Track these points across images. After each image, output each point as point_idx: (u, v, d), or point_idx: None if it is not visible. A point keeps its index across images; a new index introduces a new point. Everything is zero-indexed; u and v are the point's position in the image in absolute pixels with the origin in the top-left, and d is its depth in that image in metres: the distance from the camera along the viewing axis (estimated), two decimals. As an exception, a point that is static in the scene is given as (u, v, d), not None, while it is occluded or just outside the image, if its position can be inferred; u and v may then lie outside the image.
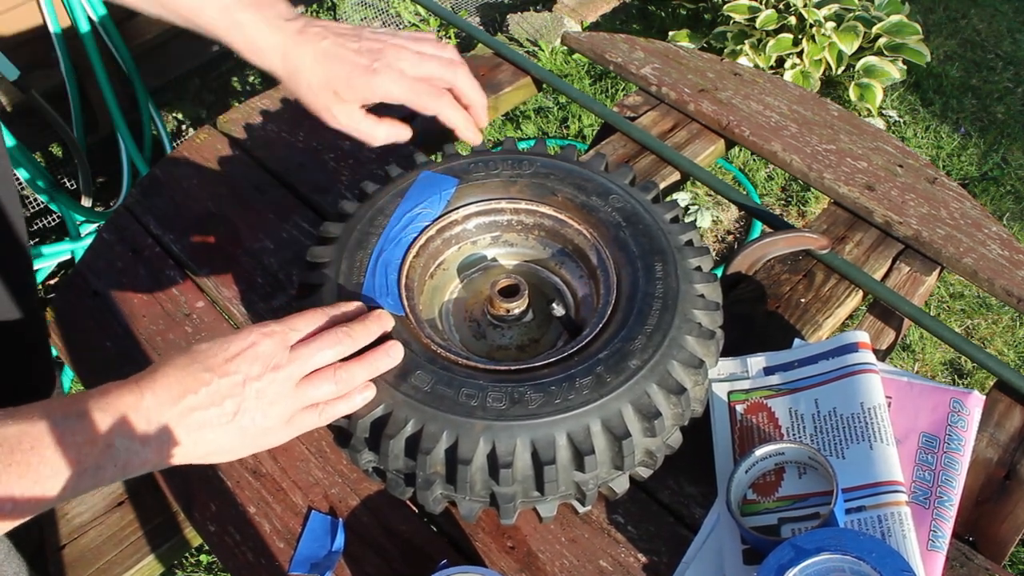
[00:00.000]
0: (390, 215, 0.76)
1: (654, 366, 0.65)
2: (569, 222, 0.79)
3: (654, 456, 0.68)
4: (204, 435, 0.59)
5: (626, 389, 0.64)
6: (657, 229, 0.74)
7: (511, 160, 0.81)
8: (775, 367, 0.78)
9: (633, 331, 0.67)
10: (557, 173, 0.80)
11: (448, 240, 0.80)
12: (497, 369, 0.67)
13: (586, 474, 0.64)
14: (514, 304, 0.75)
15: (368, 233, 0.74)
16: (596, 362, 0.65)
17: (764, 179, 2.31)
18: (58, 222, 2.05)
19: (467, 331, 0.79)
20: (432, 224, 0.77)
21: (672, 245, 0.73)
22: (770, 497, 0.69)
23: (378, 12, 2.82)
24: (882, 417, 0.70)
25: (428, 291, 0.79)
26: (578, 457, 0.62)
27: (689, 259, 0.73)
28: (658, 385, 0.65)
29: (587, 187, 0.79)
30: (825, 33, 2.25)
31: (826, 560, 0.58)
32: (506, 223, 0.81)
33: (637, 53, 1.25)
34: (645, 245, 0.73)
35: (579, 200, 0.78)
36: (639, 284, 0.71)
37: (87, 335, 0.91)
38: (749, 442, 0.73)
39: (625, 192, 0.78)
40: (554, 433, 0.62)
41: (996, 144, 2.46)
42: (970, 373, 1.91)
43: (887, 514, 0.64)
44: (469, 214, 0.80)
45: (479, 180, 0.79)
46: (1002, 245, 1.00)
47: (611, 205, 0.77)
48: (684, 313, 0.68)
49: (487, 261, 0.83)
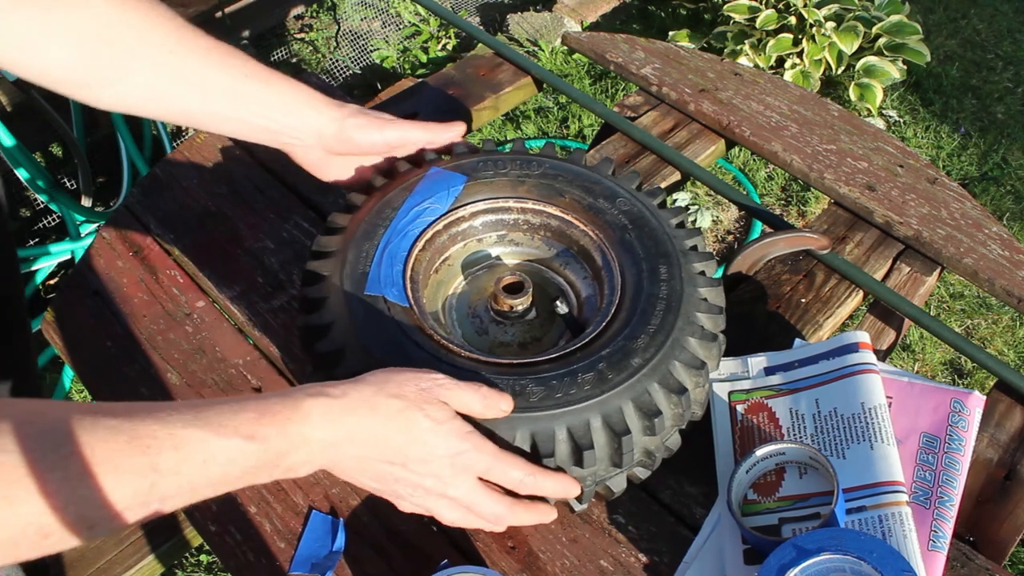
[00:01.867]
0: (398, 208, 0.76)
1: (656, 365, 0.65)
2: (576, 223, 0.79)
3: (652, 456, 0.68)
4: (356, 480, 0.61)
5: (627, 386, 0.64)
6: (663, 233, 0.75)
7: (520, 160, 0.81)
8: (776, 367, 0.78)
9: (636, 330, 0.67)
10: (565, 175, 0.80)
11: (454, 236, 0.80)
12: (499, 362, 0.67)
13: (584, 470, 0.64)
14: (518, 300, 0.75)
15: (376, 224, 0.74)
16: (598, 359, 0.65)
17: (764, 179, 2.31)
18: (58, 222, 2.05)
19: (470, 327, 0.79)
20: (439, 219, 0.77)
21: (677, 249, 0.74)
22: (771, 497, 0.69)
23: (378, 12, 2.82)
24: (883, 417, 0.70)
25: (432, 285, 0.79)
26: (577, 452, 0.63)
27: (693, 263, 0.73)
28: (659, 384, 0.65)
29: (595, 190, 0.79)
30: (825, 33, 2.25)
31: (827, 560, 0.58)
32: (513, 222, 0.82)
33: (637, 53, 1.25)
34: (651, 248, 0.74)
35: (586, 202, 0.78)
36: (643, 285, 0.71)
37: (87, 335, 0.91)
38: (750, 442, 0.73)
39: (632, 196, 0.78)
40: (554, 427, 0.62)
41: (996, 144, 2.47)
42: (970, 373, 1.91)
43: (888, 514, 0.64)
44: (476, 211, 0.80)
45: (487, 179, 0.80)
46: (1002, 245, 1.00)
47: (618, 208, 0.77)
48: (687, 315, 0.69)
49: (492, 259, 0.83)
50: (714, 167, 2.22)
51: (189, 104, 0.74)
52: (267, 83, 0.76)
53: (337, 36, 2.69)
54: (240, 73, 0.74)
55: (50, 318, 0.93)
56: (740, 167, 2.33)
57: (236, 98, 0.75)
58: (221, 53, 0.74)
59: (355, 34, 2.74)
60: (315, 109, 0.77)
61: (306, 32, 2.73)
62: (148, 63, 0.71)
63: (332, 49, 2.68)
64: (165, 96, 0.73)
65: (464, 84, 1.22)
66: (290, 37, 2.70)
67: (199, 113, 0.75)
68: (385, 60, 2.66)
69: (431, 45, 2.69)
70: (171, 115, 0.75)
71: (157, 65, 0.71)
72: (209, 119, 0.76)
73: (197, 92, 0.73)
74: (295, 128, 0.77)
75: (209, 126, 0.77)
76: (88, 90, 0.71)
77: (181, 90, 0.73)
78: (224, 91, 0.74)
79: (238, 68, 0.74)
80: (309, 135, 0.78)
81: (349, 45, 2.71)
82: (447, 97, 1.21)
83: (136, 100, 0.73)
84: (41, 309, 1.77)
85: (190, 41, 0.72)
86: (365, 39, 2.72)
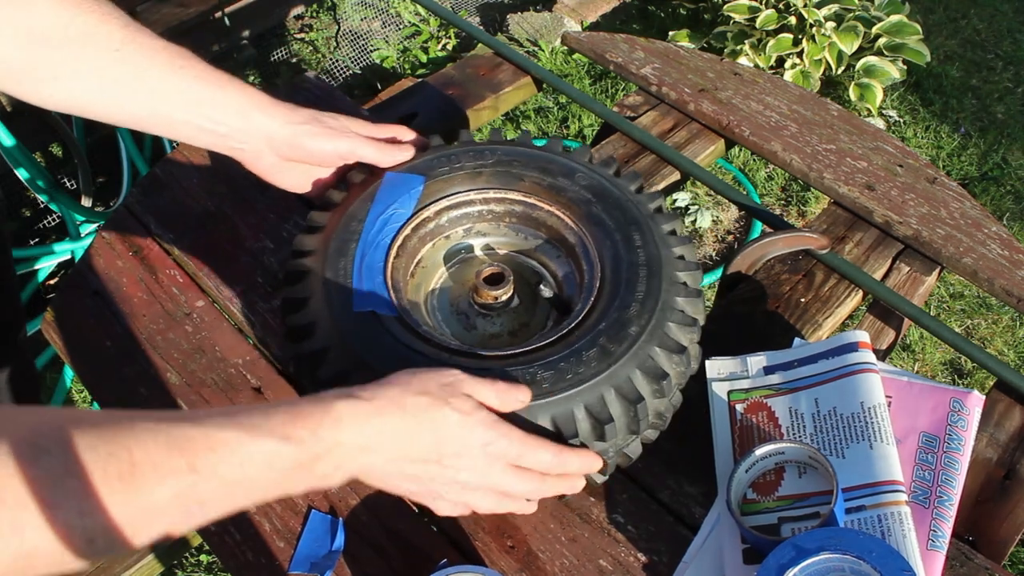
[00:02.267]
0: (364, 219, 0.75)
1: (653, 330, 0.67)
2: (540, 205, 0.80)
3: (663, 417, 0.71)
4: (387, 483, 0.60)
5: (631, 355, 0.65)
6: (627, 201, 0.77)
7: (472, 152, 0.81)
8: (775, 366, 0.78)
9: (626, 300, 0.69)
10: (520, 159, 0.81)
11: (423, 237, 0.80)
12: (503, 355, 0.67)
13: (607, 442, 0.65)
14: (500, 291, 0.76)
15: (347, 240, 0.74)
16: (597, 334, 0.67)
17: (764, 179, 2.32)
18: (58, 222, 2.05)
19: (457, 324, 0.79)
20: (407, 223, 0.77)
21: (644, 214, 0.75)
22: (770, 496, 0.69)
23: (378, 12, 2.82)
24: (882, 416, 0.70)
25: (411, 290, 0.79)
26: (598, 426, 0.64)
27: (662, 225, 0.75)
28: (660, 347, 0.67)
29: (551, 169, 0.80)
30: (825, 33, 2.25)
31: (826, 560, 0.58)
32: (477, 214, 0.82)
33: (637, 53, 1.25)
34: (619, 217, 0.75)
35: (546, 182, 0.79)
36: (621, 255, 0.72)
37: (87, 335, 0.91)
38: (749, 441, 0.73)
39: (588, 170, 0.80)
40: (572, 407, 0.63)
41: (996, 144, 2.47)
42: (970, 373, 1.91)
43: (887, 513, 0.64)
44: (440, 209, 0.80)
45: (445, 175, 0.80)
46: (1002, 245, 1.00)
47: (578, 183, 0.78)
48: (669, 276, 0.71)
49: (463, 254, 0.84)
50: (714, 167, 2.22)
51: (136, 106, 0.72)
52: (217, 86, 0.74)
53: (337, 36, 2.69)
54: (189, 75, 0.72)
55: (50, 318, 0.93)
56: (740, 167, 2.33)
57: (183, 101, 0.73)
58: (170, 54, 0.72)
59: (355, 34, 2.74)
60: (265, 113, 0.76)
61: (306, 32, 2.73)
62: (92, 63, 0.70)
63: (332, 49, 2.68)
64: (111, 97, 0.72)
65: (464, 84, 1.23)
66: (290, 37, 2.70)
67: (147, 115, 0.73)
68: (385, 60, 2.66)
69: (431, 45, 2.69)
70: (120, 117, 0.74)
71: (102, 65, 0.70)
72: (157, 121, 0.74)
73: (143, 93, 0.71)
74: (243, 131, 0.75)
75: (159, 129, 0.75)
76: (25, 86, 0.70)
77: (126, 91, 0.71)
78: (170, 93, 0.72)
79: (187, 70, 0.72)
80: (258, 139, 0.76)
81: (349, 45, 2.71)
82: (447, 97, 1.21)
83: (81, 100, 0.72)
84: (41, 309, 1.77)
85: (138, 41, 0.71)
86: (365, 39, 2.72)
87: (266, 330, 0.88)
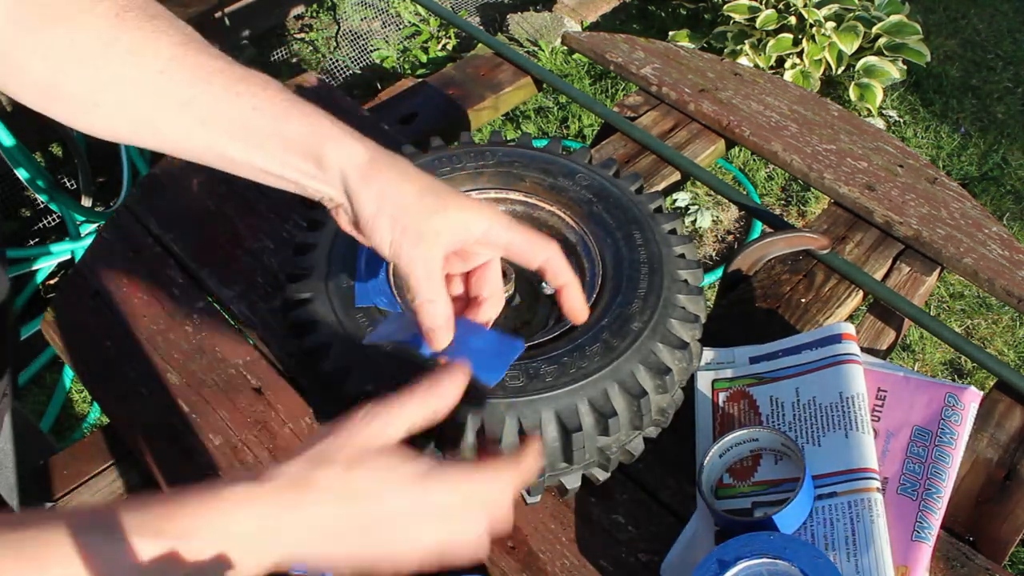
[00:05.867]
0: None
1: (655, 326, 0.68)
2: (541, 204, 0.80)
3: (665, 413, 0.71)
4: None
5: (634, 350, 0.66)
6: (627, 201, 0.78)
7: (472, 153, 0.82)
8: (760, 356, 0.79)
9: (628, 296, 0.70)
10: (520, 160, 0.81)
11: None
12: None
13: (610, 437, 0.65)
14: (503, 288, 0.76)
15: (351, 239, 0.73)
16: (600, 329, 0.67)
17: (764, 179, 2.31)
18: (58, 222, 2.05)
19: None
20: None
21: (644, 213, 0.76)
22: (746, 482, 0.71)
23: (378, 12, 2.82)
24: (859, 406, 0.71)
25: None
26: (602, 421, 0.64)
27: (663, 224, 0.76)
28: (662, 343, 0.67)
29: (552, 169, 0.80)
30: (825, 33, 2.25)
31: (746, 568, 0.60)
32: None
33: (637, 53, 1.25)
34: (620, 217, 0.76)
35: (547, 183, 0.80)
36: (622, 253, 0.73)
37: (87, 335, 0.91)
38: (728, 429, 0.74)
39: (588, 170, 0.80)
40: (576, 402, 0.64)
41: (996, 144, 2.46)
42: (970, 373, 1.91)
43: (858, 500, 0.65)
44: None
45: (446, 175, 0.80)
46: (1002, 245, 1.00)
47: (579, 184, 0.79)
48: (671, 274, 0.72)
49: None
50: (714, 167, 2.22)
51: (180, 136, 0.58)
52: (282, 117, 0.57)
53: (337, 36, 2.69)
54: (247, 104, 0.56)
55: (50, 318, 0.93)
56: (740, 167, 2.33)
57: (241, 134, 0.57)
58: (227, 78, 0.57)
59: (355, 34, 2.74)
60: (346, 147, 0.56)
61: (306, 32, 2.73)
62: (135, 87, 0.57)
63: (332, 49, 2.68)
64: (154, 123, 0.58)
65: (464, 84, 1.23)
66: (290, 37, 2.70)
67: (198, 148, 0.59)
68: (385, 60, 2.66)
69: (431, 45, 2.69)
70: (173, 149, 0.60)
71: (143, 87, 0.57)
72: (210, 157, 0.59)
73: (187, 122, 0.57)
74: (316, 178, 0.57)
75: (221, 166, 0.60)
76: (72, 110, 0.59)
77: (170, 116, 0.57)
78: (225, 124, 0.57)
79: (245, 98, 0.56)
80: (338, 188, 0.57)
81: (349, 45, 2.71)
82: (447, 97, 1.21)
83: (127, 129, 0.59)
84: (41, 309, 1.77)
85: (188, 60, 0.57)
86: (365, 39, 2.72)
87: (266, 330, 0.88)
